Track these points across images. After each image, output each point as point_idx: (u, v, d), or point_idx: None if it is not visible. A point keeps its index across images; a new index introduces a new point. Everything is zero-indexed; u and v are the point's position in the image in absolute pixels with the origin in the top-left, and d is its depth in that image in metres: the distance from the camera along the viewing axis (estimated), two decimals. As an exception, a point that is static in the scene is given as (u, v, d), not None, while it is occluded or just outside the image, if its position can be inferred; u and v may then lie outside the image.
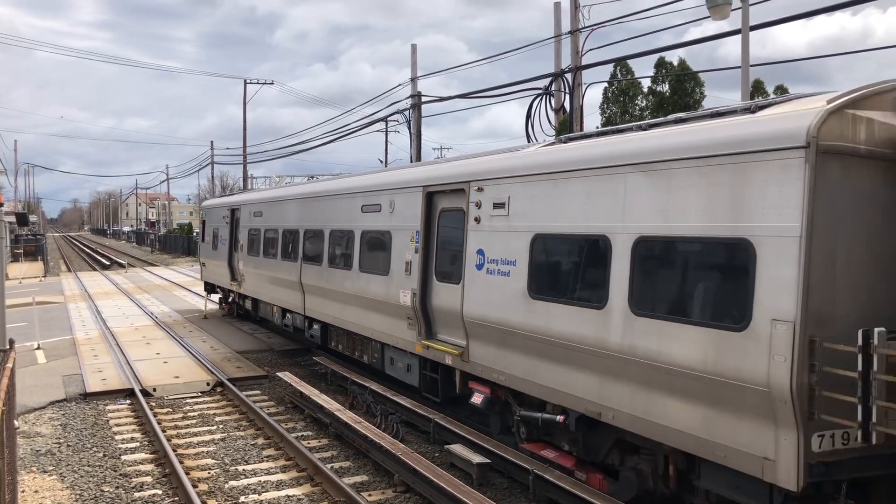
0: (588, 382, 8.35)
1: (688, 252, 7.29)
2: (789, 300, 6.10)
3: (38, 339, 19.90)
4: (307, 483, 9.99)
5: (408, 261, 12.41)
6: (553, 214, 9.09)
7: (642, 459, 8.15)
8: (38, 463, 10.97)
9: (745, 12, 15.03)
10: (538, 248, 9.35)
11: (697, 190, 7.12)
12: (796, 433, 6.14)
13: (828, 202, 6.13)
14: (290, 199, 19.13)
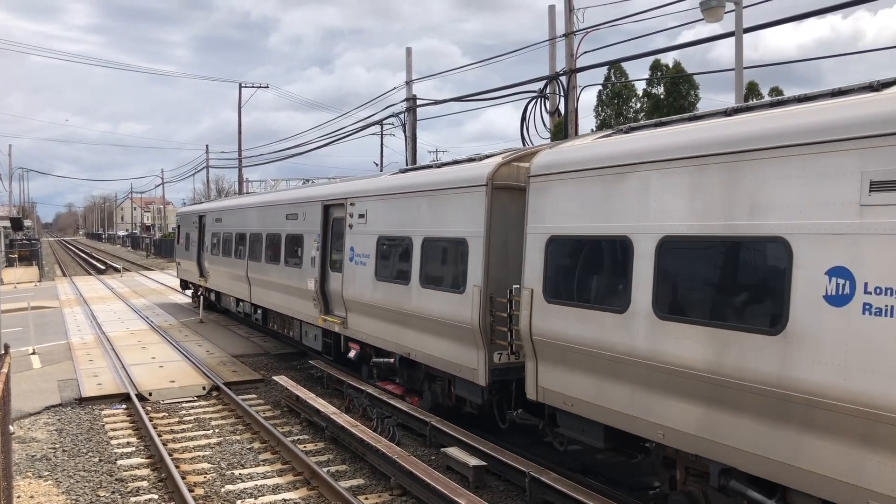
0: (404, 333, 12.77)
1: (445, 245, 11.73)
2: (478, 274, 10.57)
3: (33, 344, 19.85)
4: (304, 487, 9.99)
5: (313, 256, 16.22)
6: (388, 222, 13.41)
7: (437, 384, 12.43)
8: (34, 468, 10.94)
9: (738, 15, 15.09)
10: (380, 245, 13.58)
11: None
12: (485, 352, 10.55)
13: (497, 214, 10.57)
14: (240, 208, 23.28)
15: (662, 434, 7.57)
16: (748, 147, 6.74)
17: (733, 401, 6.73)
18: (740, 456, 6.72)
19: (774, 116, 6.81)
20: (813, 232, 6.09)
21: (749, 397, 6.57)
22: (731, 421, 6.80)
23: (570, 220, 8.92)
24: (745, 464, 6.70)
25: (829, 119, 6.18)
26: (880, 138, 5.64)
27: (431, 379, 12.57)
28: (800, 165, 6.26)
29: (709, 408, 7.01)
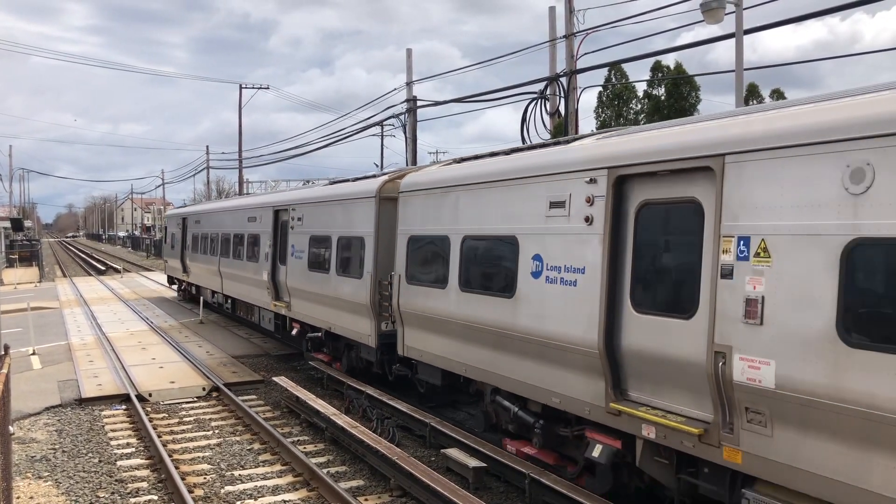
0: (327, 312, 15.80)
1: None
2: (371, 264, 13.69)
3: (33, 345, 19.85)
4: (303, 488, 9.98)
5: (266, 252, 19.46)
6: (316, 224, 16.52)
7: (352, 351, 15.28)
8: (34, 469, 10.94)
9: (739, 16, 15.10)
10: (311, 243, 16.60)
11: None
12: (375, 322, 13.69)
13: (384, 218, 13.56)
14: (215, 211, 26.84)
15: (465, 370, 11.00)
16: (504, 178, 10.04)
17: (499, 343, 9.99)
18: (502, 381, 10.10)
19: (522, 157, 10.07)
20: (527, 233, 9.40)
21: (506, 340, 9.80)
22: (499, 357, 10.06)
23: (420, 224, 12.22)
24: (505, 385, 10.05)
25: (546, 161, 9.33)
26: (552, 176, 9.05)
27: (349, 347, 15.54)
28: (524, 190, 9.54)
29: (488, 349, 10.30)
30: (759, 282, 6.32)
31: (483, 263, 10.56)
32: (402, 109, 29.84)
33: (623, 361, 7.92)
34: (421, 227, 12.11)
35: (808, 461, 5.98)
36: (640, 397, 7.78)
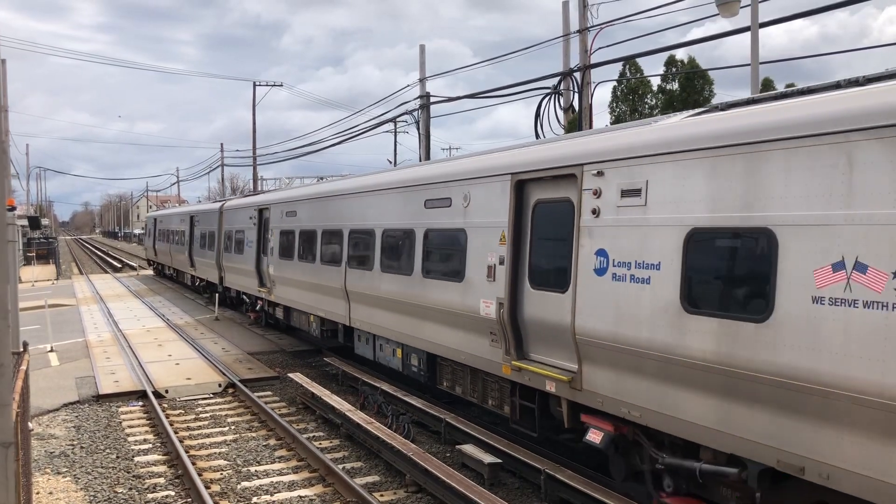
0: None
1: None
2: (254, 246, 22.27)
3: (51, 342, 20.02)
4: (319, 483, 10.02)
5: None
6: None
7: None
8: (53, 464, 11.04)
9: (754, 9, 14.97)
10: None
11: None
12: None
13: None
14: (174, 214, 38.87)
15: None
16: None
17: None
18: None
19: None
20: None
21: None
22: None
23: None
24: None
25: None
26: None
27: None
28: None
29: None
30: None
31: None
32: (416, 106, 29.83)
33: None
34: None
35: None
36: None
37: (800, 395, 6.04)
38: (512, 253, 9.66)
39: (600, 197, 8.18)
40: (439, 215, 11.65)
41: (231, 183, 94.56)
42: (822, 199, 5.94)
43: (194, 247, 31.87)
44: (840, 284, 5.74)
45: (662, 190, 7.44)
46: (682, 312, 7.07)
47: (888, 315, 5.39)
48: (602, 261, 8.11)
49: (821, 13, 14.96)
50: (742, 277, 6.72)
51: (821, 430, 5.94)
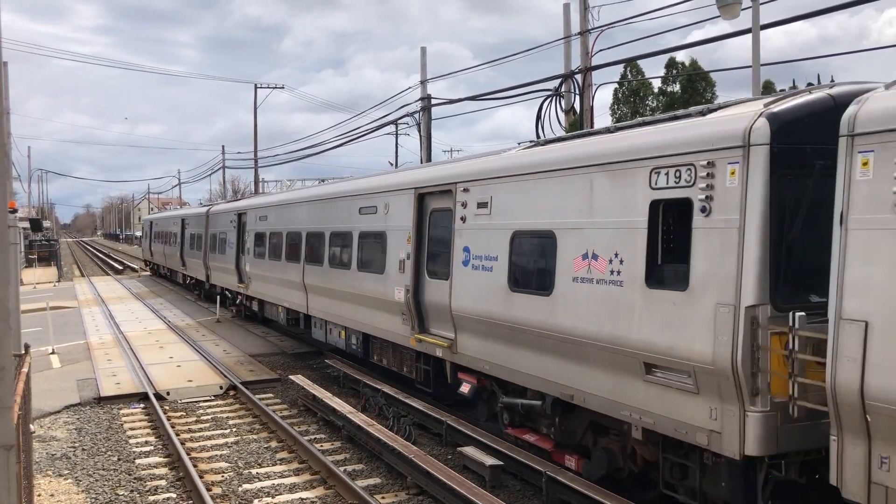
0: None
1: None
2: (235, 246, 25.39)
3: (52, 344, 20.03)
4: (320, 486, 10.02)
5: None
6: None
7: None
8: (54, 467, 11.04)
9: (755, 11, 14.98)
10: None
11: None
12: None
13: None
14: (167, 217, 42.58)
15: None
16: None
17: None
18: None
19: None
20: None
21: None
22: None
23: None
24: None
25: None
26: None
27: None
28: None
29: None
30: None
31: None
32: (417, 108, 29.82)
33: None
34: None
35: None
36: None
37: (567, 345, 8.77)
38: (415, 250, 12.43)
39: (466, 207, 10.98)
40: (369, 220, 14.41)
41: (232, 185, 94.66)
42: (578, 212, 8.68)
43: (185, 248, 34.37)
44: (585, 269, 8.49)
45: (499, 203, 10.25)
46: (509, 291, 9.85)
47: (608, 288, 8.12)
48: (467, 255, 10.91)
49: (822, 15, 14.95)
50: (540, 265, 9.44)
51: (579, 368, 8.69)
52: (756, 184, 6.66)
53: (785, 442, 6.70)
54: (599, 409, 8.41)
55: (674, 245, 7.64)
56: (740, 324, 6.62)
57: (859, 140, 5.78)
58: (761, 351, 6.58)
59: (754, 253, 6.62)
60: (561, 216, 8.93)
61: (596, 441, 9.06)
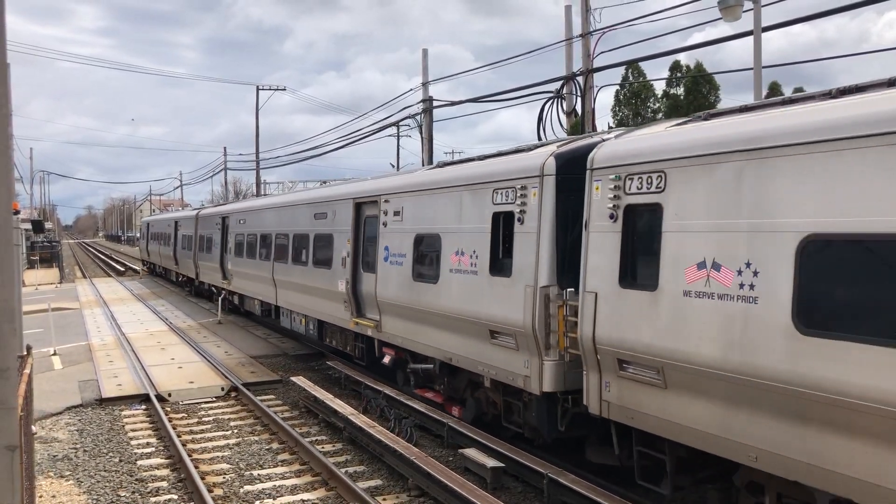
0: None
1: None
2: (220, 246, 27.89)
3: (54, 345, 20.05)
4: (322, 487, 10.02)
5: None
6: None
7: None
8: (56, 468, 11.05)
9: (757, 14, 14.99)
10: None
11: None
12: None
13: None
14: (162, 220, 45.97)
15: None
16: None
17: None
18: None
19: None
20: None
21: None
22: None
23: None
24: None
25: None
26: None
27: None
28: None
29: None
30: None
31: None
32: (418, 110, 29.83)
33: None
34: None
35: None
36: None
37: (447, 321, 11.53)
38: (353, 249, 15.14)
39: (387, 215, 13.66)
40: (321, 224, 17.07)
41: (234, 186, 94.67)
42: (454, 219, 11.45)
43: (177, 248, 37.16)
44: (458, 262, 11.22)
45: (408, 211, 12.98)
46: (413, 281, 12.54)
47: (469, 276, 10.90)
48: (387, 253, 13.57)
49: (823, 17, 14.95)
50: (431, 260, 12.06)
51: (454, 337, 11.51)
52: (548, 202, 9.51)
53: (570, 382, 9.34)
54: (466, 367, 11.35)
55: (505, 244, 10.36)
56: (538, 299, 9.42)
57: (594, 173, 8.64)
58: (551, 318, 9.38)
59: (546, 250, 9.49)
60: (444, 223, 11.74)
61: (470, 393, 12.02)
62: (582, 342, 8.57)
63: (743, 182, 6.79)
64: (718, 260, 6.99)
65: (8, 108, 3.78)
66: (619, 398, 8.27)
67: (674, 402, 7.56)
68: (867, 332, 5.68)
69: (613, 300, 8.22)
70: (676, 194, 7.54)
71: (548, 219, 9.45)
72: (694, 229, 7.31)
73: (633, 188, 8.13)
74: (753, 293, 6.63)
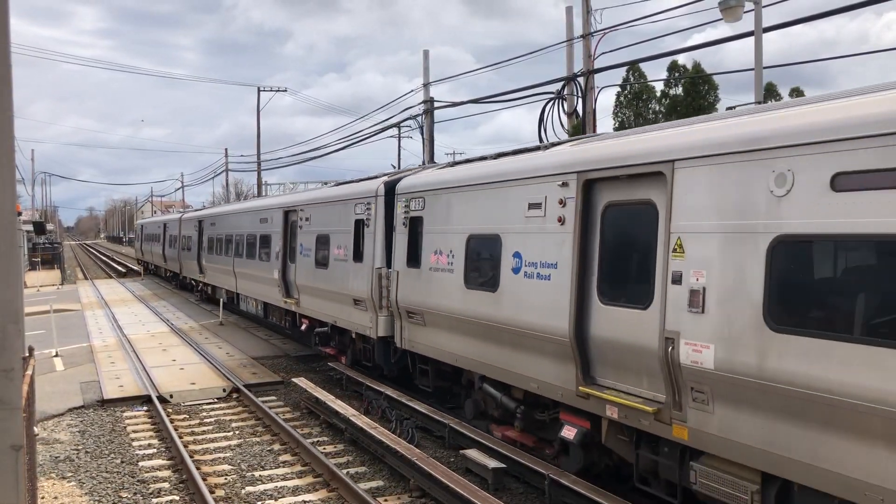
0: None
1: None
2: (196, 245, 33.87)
3: (56, 347, 20.07)
4: (323, 488, 10.03)
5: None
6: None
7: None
8: (58, 469, 11.07)
9: (757, 14, 15.00)
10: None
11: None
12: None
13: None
14: (153, 222, 50.80)
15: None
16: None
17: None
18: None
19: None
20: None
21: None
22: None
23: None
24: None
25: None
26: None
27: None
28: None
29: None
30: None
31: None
32: (419, 111, 29.83)
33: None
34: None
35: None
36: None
37: (334, 295, 15.82)
38: (283, 246, 19.68)
39: (302, 220, 18.06)
40: (264, 227, 21.58)
41: (235, 188, 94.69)
42: (336, 223, 16.00)
43: (165, 247, 42.70)
44: (338, 254, 15.69)
45: (314, 218, 17.42)
46: (315, 268, 17.05)
47: (343, 263, 15.44)
48: (301, 248, 18.14)
49: (822, 18, 14.95)
50: (325, 253, 16.47)
51: (336, 306, 15.78)
52: (379, 212, 14.13)
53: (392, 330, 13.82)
54: (345, 326, 15.80)
55: (361, 241, 14.76)
56: (374, 276, 13.97)
57: (397, 196, 13.59)
58: (382, 288, 13.75)
59: (379, 244, 14.02)
60: (332, 226, 16.29)
61: (350, 345, 16.26)
62: (393, 303, 13.43)
63: (451, 205, 11.81)
64: (440, 249, 11.94)
65: (10, 110, 3.80)
66: (409, 336, 13.22)
67: (430, 334, 12.41)
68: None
69: (405, 275, 13.06)
70: (429, 211, 12.45)
71: (380, 224, 14.08)
72: (432, 232, 12.27)
73: (413, 207, 13.02)
74: (451, 266, 11.55)
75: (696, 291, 7.01)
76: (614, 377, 8.32)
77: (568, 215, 8.86)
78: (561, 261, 8.94)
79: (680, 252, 7.26)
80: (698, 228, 7.08)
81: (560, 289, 8.87)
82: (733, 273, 6.69)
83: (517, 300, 9.73)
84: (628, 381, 8.10)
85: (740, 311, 6.58)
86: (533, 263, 9.51)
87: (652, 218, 7.66)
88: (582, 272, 8.61)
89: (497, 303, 10.15)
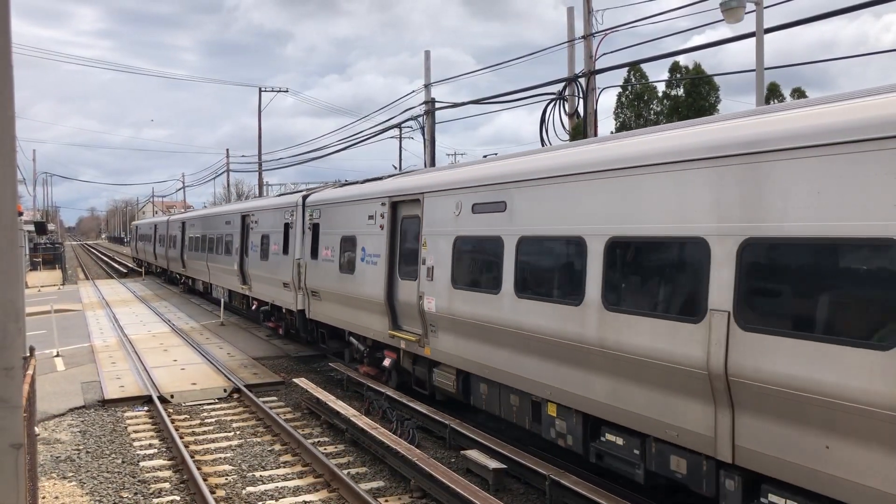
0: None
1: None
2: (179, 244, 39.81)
3: (57, 347, 20.09)
4: (324, 489, 10.03)
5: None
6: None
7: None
8: (58, 469, 11.07)
9: (759, 15, 14.98)
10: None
11: None
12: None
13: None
14: (145, 223, 58.01)
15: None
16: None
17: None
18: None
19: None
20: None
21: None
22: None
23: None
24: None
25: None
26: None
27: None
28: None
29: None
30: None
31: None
32: (420, 112, 29.83)
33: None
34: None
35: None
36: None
37: (272, 281, 21.10)
38: (240, 243, 24.35)
39: (254, 223, 22.97)
40: (228, 228, 26.27)
41: (236, 188, 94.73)
42: (272, 225, 21.19)
43: (156, 245, 47.41)
44: (274, 249, 20.88)
45: (261, 221, 22.31)
46: (260, 260, 21.84)
47: (278, 256, 20.49)
48: (251, 245, 23.20)
49: (822, 19, 14.95)
50: (266, 248, 21.68)
51: (275, 289, 20.85)
52: (298, 218, 18.60)
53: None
54: (280, 304, 20.57)
55: (286, 240, 19.38)
56: (297, 266, 18.33)
57: (306, 207, 18.46)
58: (300, 275, 18.03)
59: (299, 240, 18.37)
60: (270, 228, 21.00)
61: (283, 318, 20.93)
62: (304, 286, 17.98)
63: (333, 215, 16.57)
64: (327, 246, 16.50)
65: (11, 110, 3.80)
66: (313, 308, 17.86)
67: (324, 307, 17.01)
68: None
69: (310, 265, 17.80)
70: (323, 219, 17.17)
71: (299, 226, 18.57)
72: (327, 233, 16.78)
73: (314, 216, 17.76)
74: (332, 258, 16.22)
75: (430, 268, 11.98)
76: (405, 324, 13.25)
77: (385, 223, 13.82)
78: (382, 253, 13.86)
79: (425, 245, 12.21)
80: (433, 232, 12.00)
81: (381, 271, 13.80)
82: (441, 257, 11.64)
83: (363, 279, 14.60)
84: (410, 325, 13.04)
85: (444, 279, 11.55)
86: (371, 255, 14.41)
87: (419, 225, 12.53)
88: (391, 259, 13.59)
89: (354, 281, 15.10)
